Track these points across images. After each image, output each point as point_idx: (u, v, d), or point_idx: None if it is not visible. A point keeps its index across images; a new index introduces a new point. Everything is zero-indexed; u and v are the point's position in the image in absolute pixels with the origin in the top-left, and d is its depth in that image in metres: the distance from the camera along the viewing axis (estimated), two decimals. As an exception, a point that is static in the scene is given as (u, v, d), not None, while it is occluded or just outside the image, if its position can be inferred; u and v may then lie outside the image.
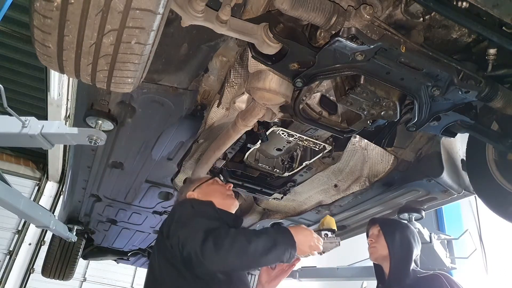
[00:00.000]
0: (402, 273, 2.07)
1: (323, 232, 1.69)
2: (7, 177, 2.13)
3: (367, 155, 2.22)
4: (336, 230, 1.76)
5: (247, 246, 1.40)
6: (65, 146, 7.29)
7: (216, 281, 1.54)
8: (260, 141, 2.01)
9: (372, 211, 2.76)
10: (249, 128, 1.80)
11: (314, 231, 1.63)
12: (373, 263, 2.33)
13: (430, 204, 2.56)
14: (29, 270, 8.30)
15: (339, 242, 1.70)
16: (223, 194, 1.93)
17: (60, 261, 4.40)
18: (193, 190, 1.93)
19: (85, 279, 8.72)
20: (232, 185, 2.04)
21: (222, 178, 2.14)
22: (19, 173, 8.78)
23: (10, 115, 1.84)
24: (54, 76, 5.35)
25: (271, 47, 1.34)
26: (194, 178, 2.15)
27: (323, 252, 1.69)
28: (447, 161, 2.12)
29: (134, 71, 1.08)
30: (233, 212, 1.91)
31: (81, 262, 5.48)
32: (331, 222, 1.80)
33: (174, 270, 1.53)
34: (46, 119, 6.16)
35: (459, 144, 2.23)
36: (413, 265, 2.13)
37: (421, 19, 1.30)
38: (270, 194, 2.57)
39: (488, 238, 4.56)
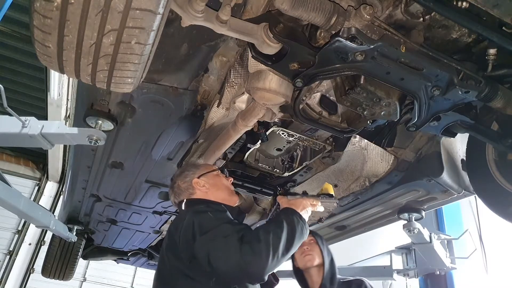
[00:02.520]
0: (333, 280, 2.25)
1: (320, 196, 1.86)
2: (7, 177, 2.13)
3: (367, 155, 2.22)
4: (333, 195, 1.90)
5: (279, 243, 1.43)
6: (65, 146, 7.29)
7: None
8: (260, 141, 2.01)
9: (372, 211, 2.76)
10: (249, 128, 1.80)
11: (313, 196, 1.85)
12: (295, 271, 2.42)
13: (430, 204, 2.56)
14: (29, 270, 8.31)
15: (336, 203, 1.88)
16: (229, 188, 1.91)
17: (60, 261, 4.40)
18: (198, 177, 1.85)
19: (85, 279, 8.72)
20: (232, 179, 2.02)
21: (226, 171, 2.08)
22: (19, 173, 8.78)
23: (10, 115, 1.84)
24: (54, 76, 5.36)
25: (271, 47, 1.34)
26: (197, 163, 2.06)
27: (322, 219, 2.03)
28: (447, 161, 2.12)
29: (134, 71, 1.08)
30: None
31: (81, 262, 5.49)
32: (329, 188, 1.94)
33: (192, 281, 1.49)
34: (46, 119, 6.16)
35: (459, 144, 2.23)
36: None
37: (421, 19, 1.29)
38: (270, 194, 2.57)
39: (488, 238, 4.56)
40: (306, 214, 1.65)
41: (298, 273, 2.41)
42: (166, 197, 2.93)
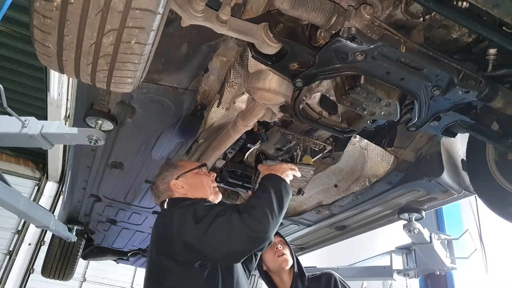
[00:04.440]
0: (303, 278, 2.27)
1: (298, 163, 2.00)
2: (7, 177, 2.13)
3: (367, 155, 2.22)
4: (311, 164, 2.03)
5: (272, 204, 1.51)
6: (65, 146, 7.29)
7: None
8: (260, 141, 2.01)
9: (372, 211, 2.76)
10: (249, 128, 1.80)
11: (292, 162, 1.97)
12: (262, 273, 2.39)
13: (430, 204, 2.56)
14: (29, 270, 8.31)
15: (313, 170, 2.02)
16: (209, 187, 1.85)
17: (60, 261, 4.39)
18: (176, 178, 1.80)
19: (85, 279, 8.72)
20: (215, 175, 1.96)
21: (207, 167, 2.00)
22: (19, 173, 8.78)
23: (10, 115, 1.84)
24: (54, 76, 5.35)
25: (271, 47, 1.34)
26: (177, 162, 1.95)
27: (301, 190, 2.13)
28: (447, 161, 2.12)
29: (134, 71, 1.08)
30: None
31: (81, 262, 5.48)
32: (308, 159, 2.07)
33: (184, 278, 1.51)
34: (46, 119, 6.16)
35: (459, 144, 2.23)
36: None
37: (421, 19, 1.30)
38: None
39: (488, 238, 4.56)
40: (287, 178, 1.72)
41: (266, 275, 2.37)
42: (166, 197, 2.93)
